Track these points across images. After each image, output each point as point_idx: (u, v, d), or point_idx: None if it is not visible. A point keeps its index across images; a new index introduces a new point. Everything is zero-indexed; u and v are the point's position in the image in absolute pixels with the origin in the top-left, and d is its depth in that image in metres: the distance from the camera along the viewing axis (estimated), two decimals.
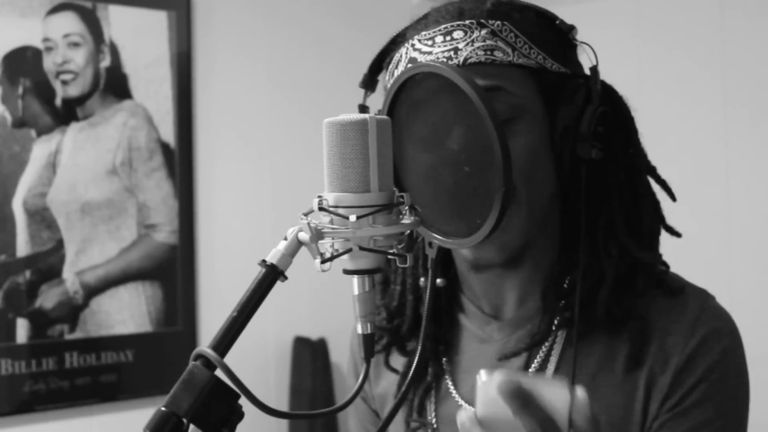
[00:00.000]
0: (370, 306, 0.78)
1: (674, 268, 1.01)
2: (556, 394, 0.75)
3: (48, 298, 2.21)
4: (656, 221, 1.01)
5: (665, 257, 1.01)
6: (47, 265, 2.21)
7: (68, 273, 2.24)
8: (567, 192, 0.97)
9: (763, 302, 2.22)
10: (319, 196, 0.76)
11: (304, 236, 0.75)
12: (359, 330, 0.78)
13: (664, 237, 1.02)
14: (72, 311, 2.24)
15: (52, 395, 2.21)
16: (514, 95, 0.91)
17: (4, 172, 2.17)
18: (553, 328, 0.97)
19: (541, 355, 0.98)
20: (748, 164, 2.24)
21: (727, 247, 2.29)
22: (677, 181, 1.04)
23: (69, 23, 2.25)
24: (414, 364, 0.83)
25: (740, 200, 2.27)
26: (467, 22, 0.92)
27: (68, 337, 2.23)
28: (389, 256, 0.78)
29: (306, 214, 0.76)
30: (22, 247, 2.18)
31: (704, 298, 0.97)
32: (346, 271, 0.77)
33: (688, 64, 2.35)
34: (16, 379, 2.17)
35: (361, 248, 0.75)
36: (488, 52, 0.91)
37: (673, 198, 1.03)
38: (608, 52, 1.04)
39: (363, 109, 1.00)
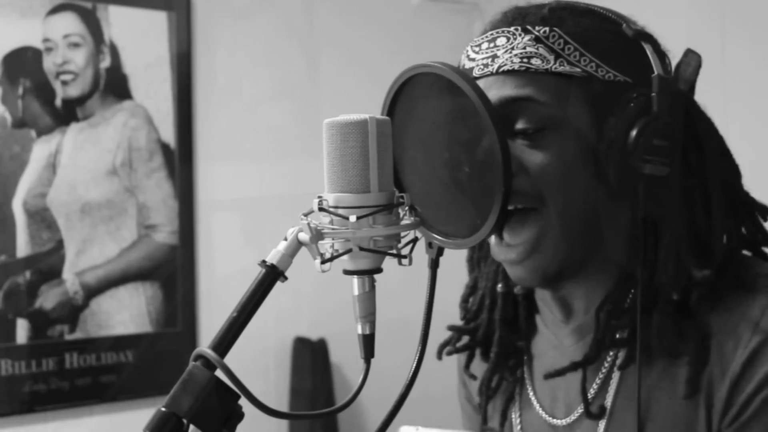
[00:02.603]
0: (370, 306, 0.78)
1: None
2: None
3: (48, 299, 2.21)
4: (752, 235, 0.95)
5: None
6: (47, 265, 2.21)
7: (68, 273, 2.23)
8: (633, 207, 0.90)
9: None
10: (319, 197, 0.76)
11: (304, 237, 0.75)
12: (359, 330, 0.78)
13: None
14: (72, 311, 2.24)
15: (52, 395, 2.21)
16: (545, 105, 0.88)
17: (4, 172, 2.17)
18: (609, 347, 0.93)
19: (601, 375, 0.95)
20: (748, 164, 2.24)
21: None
22: None
23: (69, 24, 2.25)
24: (415, 363, 0.82)
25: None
26: (512, 28, 0.90)
27: (68, 337, 2.23)
28: (391, 257, 0.78)
29: (306, 215, 0.76)
30: (22, 247, 2.18)
31: None
32: (346, 272, 0.78)
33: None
34: (16, 380, 2.17)
35: (361, 249, 0.75)
36: (524, 60, 0.88)
37: (764, 218, 0.97)
38: None
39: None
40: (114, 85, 2.31)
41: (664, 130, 0.87)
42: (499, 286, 1.04)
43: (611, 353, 0.95)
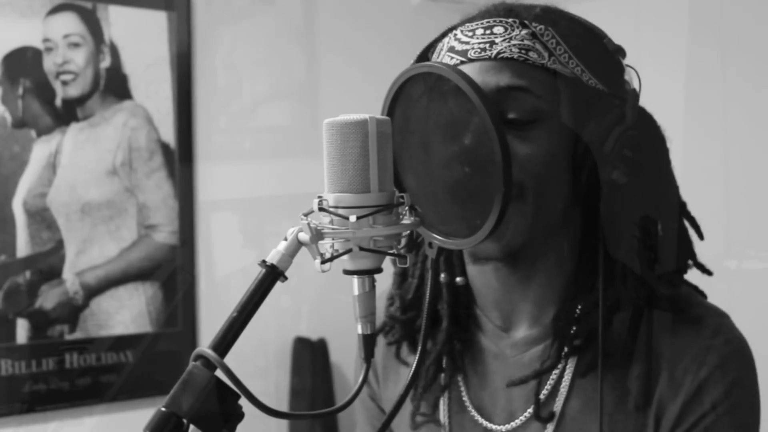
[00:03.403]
0: (370, 306, 0.78)
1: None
2: None
3: (48, 299, 2.21)
4: (684, 257, 0.99)
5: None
6: (47, 265, 2.21)
7: (68, 273, 2.23)
8: (588, 212, 0.95)
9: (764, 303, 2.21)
10: (319, 197, 0.76)
11: (304, 237, 0.75)
12: (359, 330, 0.78)
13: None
14: (72, 311, 2.24)
15: (52, 395, 2.21)
16: (539, 98, 0.90)
17: (4, 172, 2.17)
18: (563, 354, 0.96)
19: (552, 380, 0.97)
20: (748, 164, 2.24)
21: (727, 248, 2.29)
22: (679, 180, 1.03)
23: (69, 23, 2.25)
24: (417, 357, 0.82)
25: (740, 202, 2.27)
26: (510, 20, 0.92)
27: (68, 337, 2.23)
28: (390, 256, 0.78)
29: (306, 215, 0.76)
30: (22, 247, 2.18)
31: (718, 324, 0.95)
32: (346, 272, 0.78)
33: (688, 62, 2.34)
34: (16, 380, 2.17)
35: (361, 248, 0.75)
36: (523, 51, 0.90)
37: (700, 236, 1.01)
38: None
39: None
40: (114, 85, 2.31)
41: (632, 142, 0.91)
42: (443, 275, 1.04)
43: (561, 362, 0.97)
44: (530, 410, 0.98)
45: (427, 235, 0.85)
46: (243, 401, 0.71)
